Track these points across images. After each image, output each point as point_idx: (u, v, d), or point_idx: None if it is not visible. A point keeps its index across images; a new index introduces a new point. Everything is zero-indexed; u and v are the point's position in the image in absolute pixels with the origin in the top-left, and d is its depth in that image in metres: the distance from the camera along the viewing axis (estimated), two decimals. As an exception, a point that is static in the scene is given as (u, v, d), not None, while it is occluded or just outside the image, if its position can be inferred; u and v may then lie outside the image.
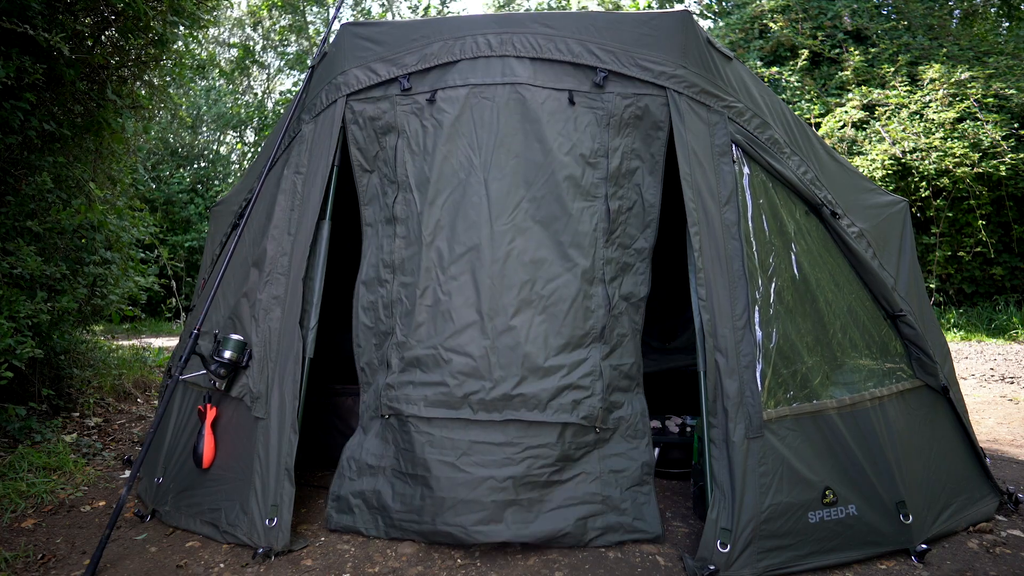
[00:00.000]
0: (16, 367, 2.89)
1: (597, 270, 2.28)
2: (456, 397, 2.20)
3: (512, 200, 2.27)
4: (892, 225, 2.65)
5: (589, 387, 2.23)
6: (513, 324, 2.21)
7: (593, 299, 2.27)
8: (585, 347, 2.25)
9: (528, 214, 2.27)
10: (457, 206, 2.29)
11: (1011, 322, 7.78)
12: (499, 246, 2.24)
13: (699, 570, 1.96)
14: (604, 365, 2.25)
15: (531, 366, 2.21)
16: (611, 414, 2.26)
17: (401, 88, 2.35)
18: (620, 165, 2.29)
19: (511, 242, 2.25)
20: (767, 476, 2.02)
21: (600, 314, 2.27)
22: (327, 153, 2.40)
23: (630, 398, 2.29)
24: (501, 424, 2.19)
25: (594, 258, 2.27)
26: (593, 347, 2.26)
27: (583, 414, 2.21)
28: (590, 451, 2.23)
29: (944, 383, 2.44)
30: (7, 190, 3.13)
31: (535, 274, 2.25)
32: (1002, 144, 7.85)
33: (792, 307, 2.23)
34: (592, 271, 2.27)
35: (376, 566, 2.07)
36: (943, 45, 9.42)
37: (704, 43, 2.31)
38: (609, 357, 2.27)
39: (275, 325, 2.32)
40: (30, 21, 2.74)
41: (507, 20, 2.36)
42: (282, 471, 2.18)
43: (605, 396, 2.24)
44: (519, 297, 2.23)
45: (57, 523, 2.43)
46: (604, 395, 2.24)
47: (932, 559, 2.12)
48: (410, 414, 2.23)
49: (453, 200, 2.30)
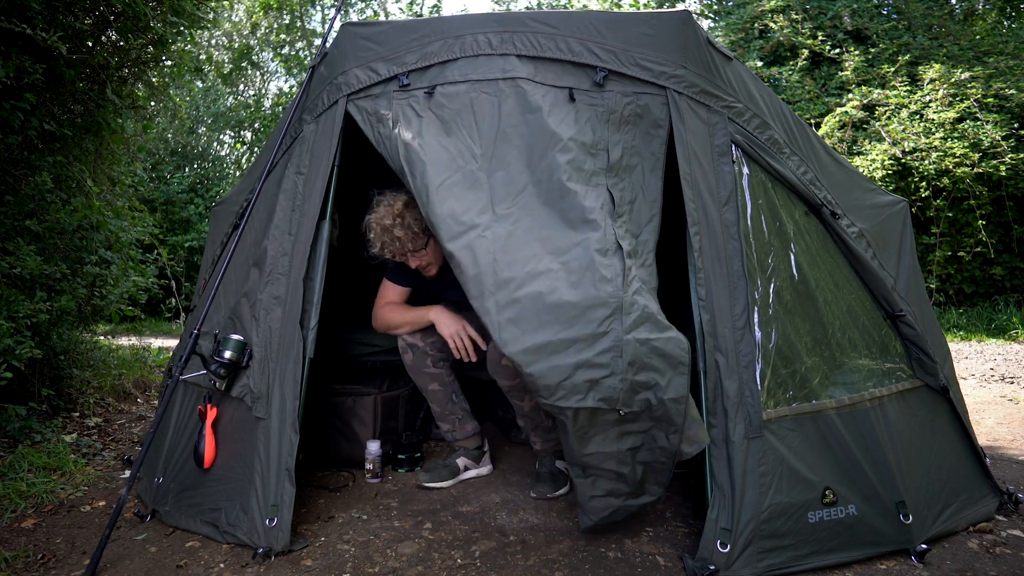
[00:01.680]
0: (16, 367, 2.89)
1: (610, 241, 2.09)
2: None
3: (516, 187, 2.20)
4: (892, 225, 2.65)
5: (608, 364, 1.98)
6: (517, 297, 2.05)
7: (609, 268, 2.05)
8: (606, 320, 2.01)
9: (533, 196, 2.19)
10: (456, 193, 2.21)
11: (1011, 322, 7.78)
12: (501, 228, 2.13)
13: (699, 570, 1.96)
14: (627, 340, 1.99)
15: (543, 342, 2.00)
16: (637, 395, 2.00)
17: (400, 84, 2.35)
18: (620, 159, 2.25)
19: (516, 221, 2.15)
20: (767, 476, 2.02)
21: (618, 283, 2.04)
22: (328, 153, 2.40)
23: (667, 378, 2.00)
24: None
25: (605, 230, 2.10)
26: (614, 319, 2.01)
27: (601, 396, 1.98)
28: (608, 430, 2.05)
29: (944, 383, 2.44)
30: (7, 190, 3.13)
31: (543, 250, 2.10)
32: (1002, 144, 7.85)
33: (792, 307, 2.23)
34: (605, 241, 2.08)
35: (376, 566, 2.07)
36: (943, 45, 9.42)
37: (704, 43, 2.31)
38: (634, 331, 2.00)
39: (275, 325, 2.32)
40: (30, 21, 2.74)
41: (507, 19, 2.36)
42: (283, 471, 2.18)
43: (627, 376, 1.98)
44: (524, 270, 2.07)
45: (57, 523, 2.43)
46: (625, 374, 1.98)
47: (932, 559, 2.12)
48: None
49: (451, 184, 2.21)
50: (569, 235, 2.12)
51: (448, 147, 2.27)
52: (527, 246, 2.11)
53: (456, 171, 2.25)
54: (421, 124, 2.31)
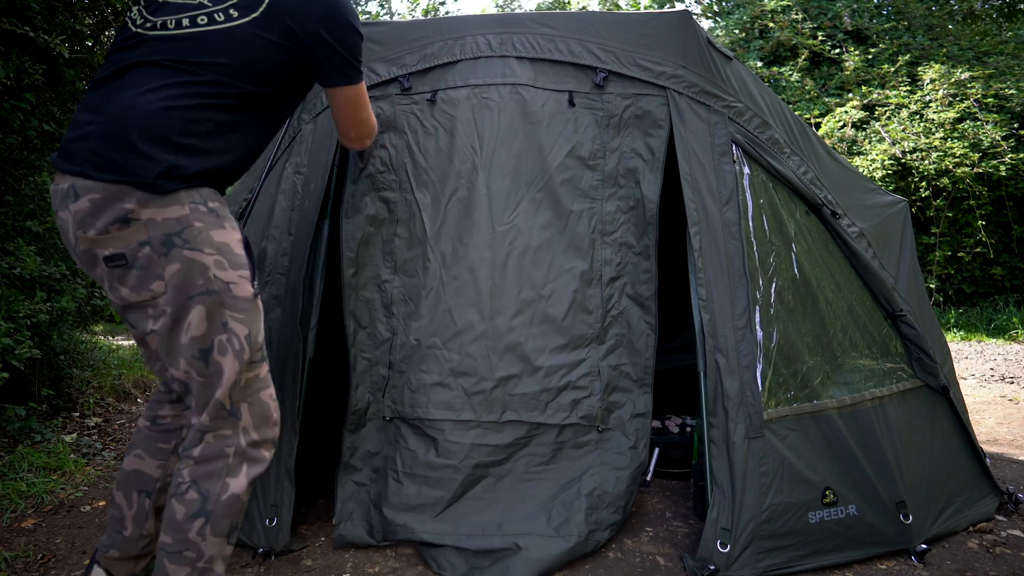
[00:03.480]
0: (15, 367, 2.89)
1: (595, 271, 2.28)
2: (458, 398, 2.22)
3: (512, 200, 2.28)
4: (892, 225, 2.65)
5: (588, 387, 2.23)
6: (513, 325, 2.22)
7: (591, 300, 2.27)
8: (584, 347, 2.26)
9: (528, 214, 2.28)
10: (461, 207, 2.30)
11: (1011, 322, 7.78)
12: (500, 247, 2.25)
13: (699, 570, 1.96)
14: (603, 365, 2.26)
15: (532, 367, 2.21)
16: (612, 414, 2.26)
17: (401, 88, 2.35)
18: (619, 165, 2.30)
19: (512, 242, 2.26)
20: (767, 476, 2.02)
21: (598, 315, 2.27)
22: (327, 153, 2.40)
23: (633, 398, 2.28)
24: (501, 425, 2.21)
25: (592, 260, 2.28)
26: (591, 347, 2.26)
27: (582, 414, 2.22)
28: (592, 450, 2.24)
29: (944, 383, 2.44)
30: (7, 190, 3.13)
31: (534, 276, 2.25)
32: (1002, 144, 7.85)
33: (793, 307, 2.23)
34: (590, 272, 2.27)
35: (376, 566, 2.07)
36: (943, 45, 9.43)
37: (704, 43, 2.31)
38: (608, 357, 2.27)
39: (275, 325, 2.31)
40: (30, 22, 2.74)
41: (507, 20, 2.36)
42: (282, 471, 2.18)
43: (604, 396, 2.24)
44: (519, 298, 2.24)
45: (57, 523, 2.43)
46: (603, 395, 2.24)
47: (932, 559, 2.12)
48: (414, 417, 2.25)
49: (457, 200, 2.31)
50: (559, 260, 2.27)
51: (452, 158, 2.31)
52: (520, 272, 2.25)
53: (460, 186, 2.30)
54: (425, 137, 2.35)
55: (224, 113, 1.53)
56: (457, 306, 2.25)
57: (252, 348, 1.58)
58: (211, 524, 1.52)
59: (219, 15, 1.53)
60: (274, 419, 1.63)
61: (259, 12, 1.55)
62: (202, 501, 1.52)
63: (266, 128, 1.71)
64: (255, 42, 1.54)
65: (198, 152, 1.49)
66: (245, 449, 1.57)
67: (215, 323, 1.51)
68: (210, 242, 1.49)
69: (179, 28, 1.51)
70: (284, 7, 1.56)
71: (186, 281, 1.47)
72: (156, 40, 1.51)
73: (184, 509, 1.52)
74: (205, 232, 1.48)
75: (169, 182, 1.44)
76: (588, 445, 2.24)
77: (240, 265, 1.55)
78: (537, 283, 2.25)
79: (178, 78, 1.48)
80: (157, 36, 1.52)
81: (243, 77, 1.54)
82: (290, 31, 1.57)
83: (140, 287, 1.47)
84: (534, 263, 2.26)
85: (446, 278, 2.28)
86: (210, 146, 1.52)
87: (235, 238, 1.56)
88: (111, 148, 1.43)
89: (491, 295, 2.24)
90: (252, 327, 1.57)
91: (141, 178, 1.42)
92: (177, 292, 1.47)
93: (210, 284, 1.49)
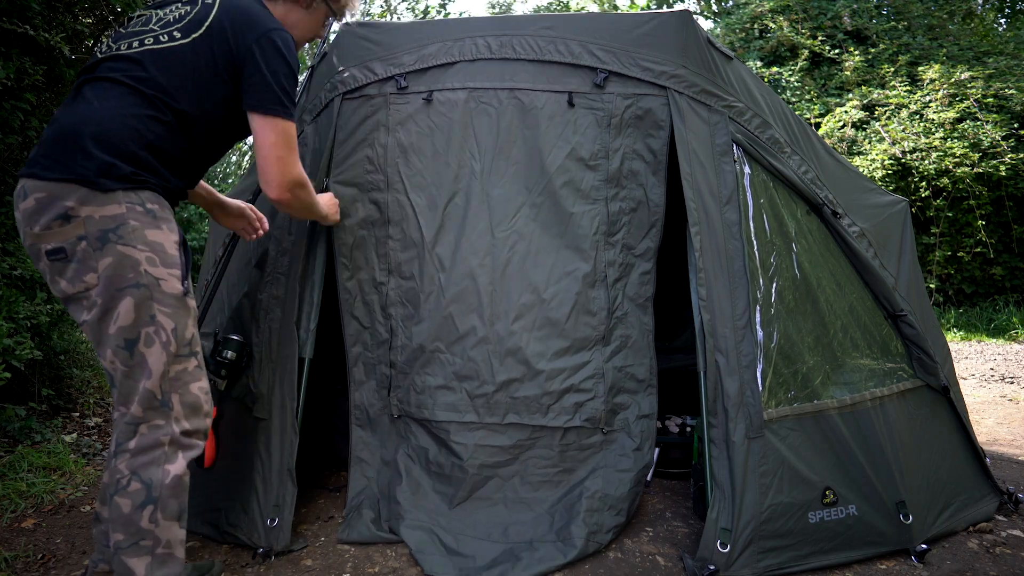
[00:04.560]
0: (16, 367, 2.89)
1: (599, 273, 2.28)
2: (461, 400, 2.23)
3: (513, 206, 2.29)
4: (892, 225, 2.65)
5: (591, 390, 2.23)
6: (514, 329, 2.23)
7: (595, 302, 2.27)
8: (587, 350, 2.26)
9: (529, 219, 2.28)
10: (459, 214, 2.30)
11: (1011, 322, 7.78)
12: (500, 253, 2.26)
13: (699, 570, 1.96)
14: (607, 367, 2.26)
15: (533, 370, 2.21)
16: (616, 416, 2.26)
17: (398, 86, 2.35)
18: (621, 166, 2.30)
19: (512, 247, 2.26)
20: (767, 476, 2.02)
21: (602, 316, 2.27)
22: (327, 153, 2.40)
23: (638, 399, 2.29)
24: (504, 427, 2.22)
25: (595, 261, 2.27)
26: (596, 350, 2.26)
27: (586, 416, 2.22)
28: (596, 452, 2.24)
29: (944, 383, 2.44)
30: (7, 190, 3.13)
31: (535, 279, 2.25)
32: (1002, 144, 7.84)
33: (793, 307, 2.23)
34: (593, 274, 2.27)
35: (376, 566, 2.07)
36: (943, 45, 9.42)
37: (704, 43, 2.31)
38: (613, 359, 2.27)
39: (275, 325, 2.31)
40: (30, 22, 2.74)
41: (507, 22, 2.36)
42: (284, 471, 2.18)
43: (608, 398, 2.24)
44: (519, 302, 2.24)
45: (57, 523, 2.43)
46: (607, 397, 2.24)
47: (932, 559, 2.12)
48: (420, 417, 2.26)
49: (455, 207, 2.31)
50: (561, 263, 2.26)
51: (449, 161, 2.31)
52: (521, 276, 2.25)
53: (459, 190, 2.30)
54: (420, 139, 2.34)
55: (164, 127, 1.65)
56: (458, 312, 2.26)
57: (179, 342, 1.64)
58: (161, 509, 1.59)
59: (163, 36, 1.70)
60: (205, 410, 1.71)
61: (199, 33, 1.70)
62: (147, 489, 1.58)
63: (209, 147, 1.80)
64: (194, 61, 1.68)
65: (139, 158, 1.60)
66: (179, 437, 1.64)
67: (143, 315, 1.58)
68: (144, 240, 1.58)
69: (131, 49, 1.68)
70: (224, 28, 1.70)
71: (117, 274, 1.55)
72: (113, 60, 1.68)
73: (130, 501, 1.57)
74: (140, 230, 1.57)
75: (109, 181, 1.55)
76: (592, 447, 2.24)
77: (172, 264, 1.63)
78: (538, 286, 2.25)
79: (129, 92, 1.63)
80: (114, 56, 1.68)
81: (182, 94, 1.67)
82: (227, 51, 1.69)
83: (76, 279, 1.57)
84: (535, 267, 2.26)
85: (445, 283, 2.28)
86: (153, 155, 1.63)
87: (171, 239, 1.64)
88: (60, 150, 1.55)
89: (491, 300, 2.24)
90: (179, 322, 1.64)
91: (83, 176, 1.53)
92: (108, 284, 1.55)
93: (140, 278, 1.57)
